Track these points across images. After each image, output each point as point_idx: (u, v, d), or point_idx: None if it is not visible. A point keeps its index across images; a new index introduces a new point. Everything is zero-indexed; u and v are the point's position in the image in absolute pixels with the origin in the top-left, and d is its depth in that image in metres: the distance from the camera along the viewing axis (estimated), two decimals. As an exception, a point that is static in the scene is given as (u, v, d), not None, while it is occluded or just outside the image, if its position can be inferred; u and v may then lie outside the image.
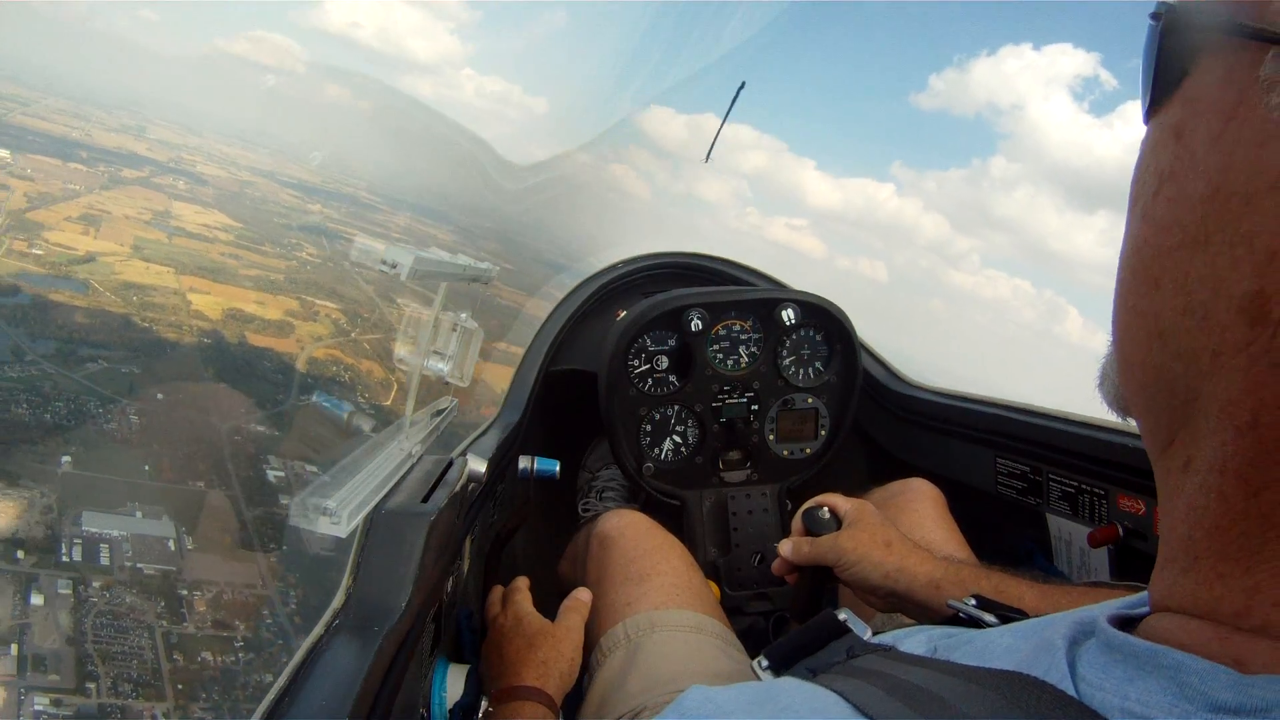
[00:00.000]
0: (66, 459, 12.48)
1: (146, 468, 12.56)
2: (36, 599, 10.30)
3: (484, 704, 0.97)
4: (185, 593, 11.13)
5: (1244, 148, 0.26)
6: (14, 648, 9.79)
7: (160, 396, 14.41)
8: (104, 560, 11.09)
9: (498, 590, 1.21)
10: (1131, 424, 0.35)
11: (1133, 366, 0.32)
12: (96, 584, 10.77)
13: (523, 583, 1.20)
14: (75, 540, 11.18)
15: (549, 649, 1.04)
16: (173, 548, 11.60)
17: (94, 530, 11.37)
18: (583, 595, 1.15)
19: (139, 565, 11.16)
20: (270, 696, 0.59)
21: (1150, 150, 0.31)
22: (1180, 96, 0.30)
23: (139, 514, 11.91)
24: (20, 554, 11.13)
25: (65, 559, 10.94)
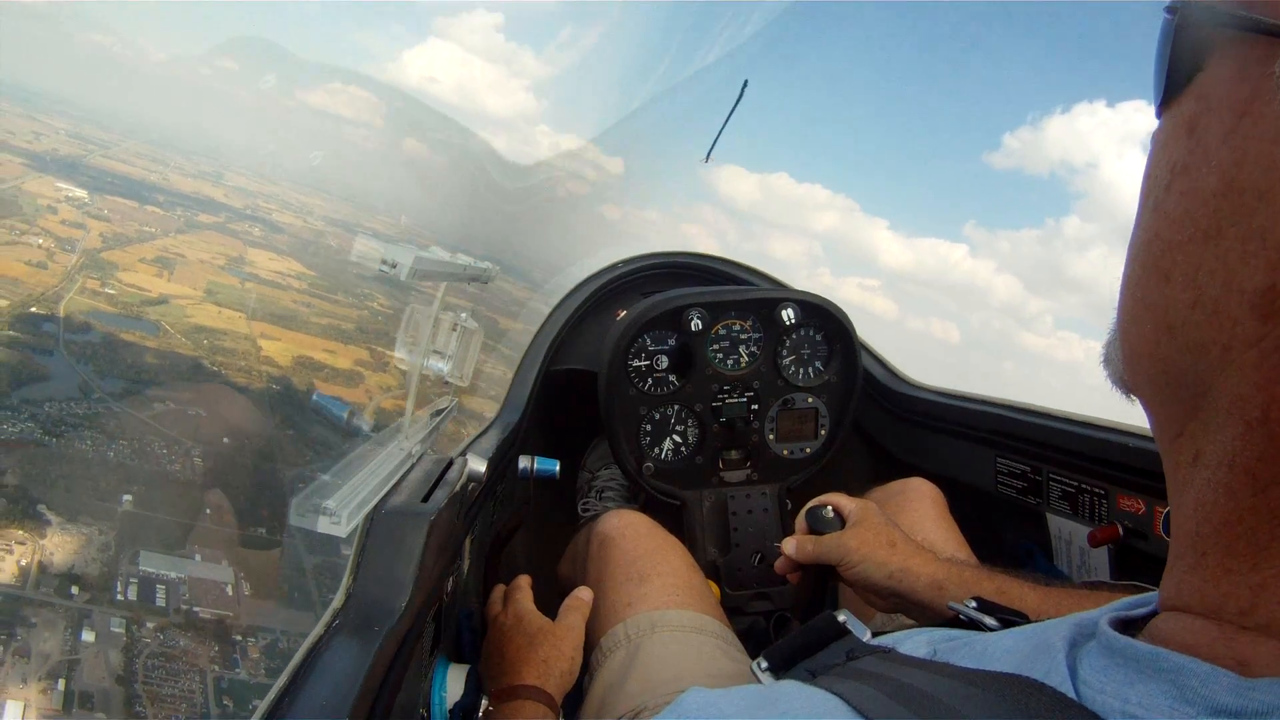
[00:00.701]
0: (127, 498, 12.40)
1: (208, 511, 12.52)
2: (88, 636, 10.30)
3: (484, 703, 0.97)
4: (240, 638, 11.18)
5: (1257, 143, 0.26)
6: (61, 683, 9.72)
7: (226, 440, 14.45)
8: (159, 601, 11.10)
9: (499, 589, 1.21)
10: (1131, 423, 0.35)
11: (1141, 358, 0.32)
12: (150, 625, 10.79)
13: (524, 581, 1.19)
14: (131, 579, 11.18)
15: (549, 648, 1.04)
16: (230, 593, 11.61)
17: (151, 570, 11.35)
18: (584, 594, 1.15)
19: (195, 608, 11.19)
20: (270, 696, 0.58)
21: (1162, 144, 0.31)
22: (1193, 91, 0.30)
23: (198, 557, 11.89)
24: (75, 590, 11.04)
25: (120, 598, 10.93)
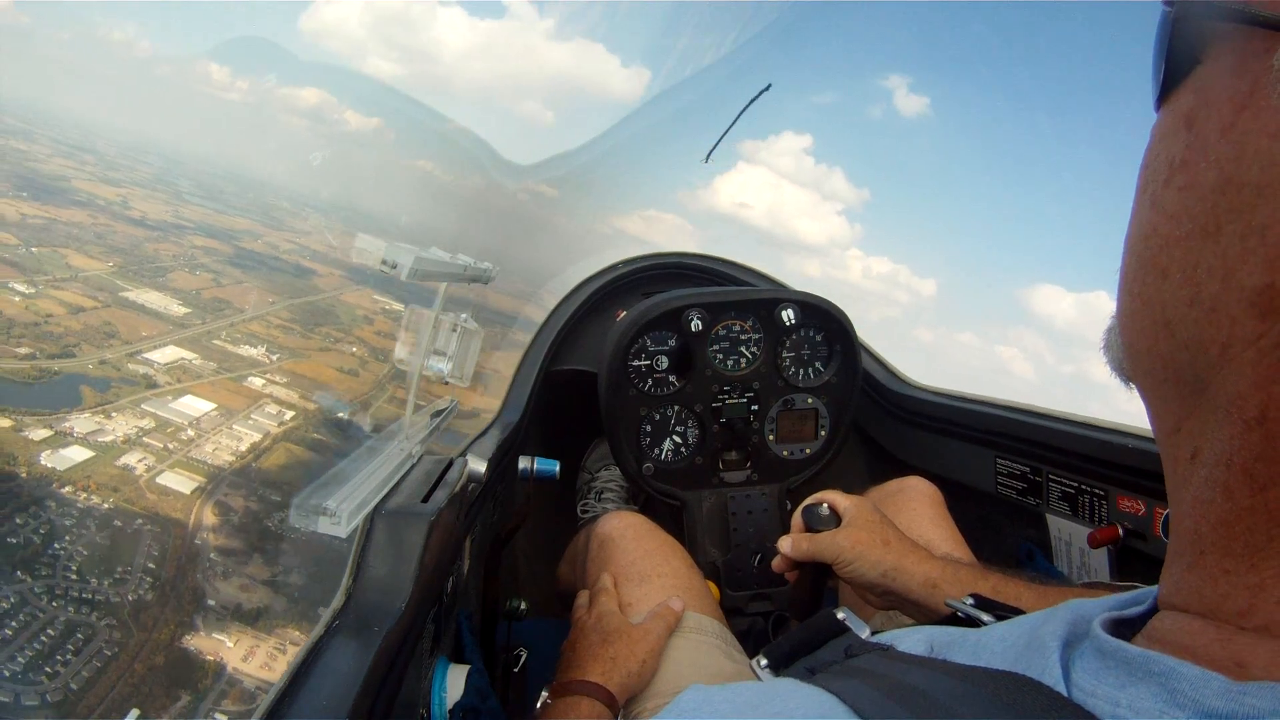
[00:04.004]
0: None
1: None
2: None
3: (543, 695, 0.96)
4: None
5: (1256, 138, 0.26)
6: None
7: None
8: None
9: (584, 594, 1.21)
10: (1131, 424, 0.35)
11: (1139, 354, 0.32)
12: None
13: (609, 581, 1.19)
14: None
15: (622, 646, 1.03)
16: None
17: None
18: (675, 604, 1.13)
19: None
20: (270, 697, 0.58)
21: (1161, 138, 0.31)
22: (1191, 85, 0.29)
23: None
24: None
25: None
